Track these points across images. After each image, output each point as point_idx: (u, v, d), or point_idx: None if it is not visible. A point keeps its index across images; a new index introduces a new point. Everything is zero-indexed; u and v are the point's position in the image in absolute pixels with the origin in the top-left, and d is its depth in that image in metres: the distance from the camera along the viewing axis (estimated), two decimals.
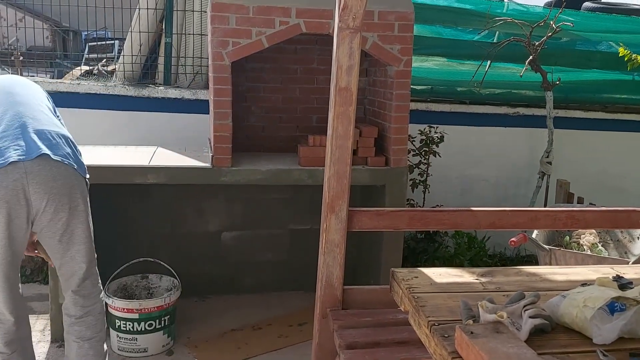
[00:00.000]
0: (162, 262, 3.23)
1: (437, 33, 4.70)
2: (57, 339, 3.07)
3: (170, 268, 3.23)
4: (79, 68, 5.27)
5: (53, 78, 5.06)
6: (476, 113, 4.64)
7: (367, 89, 3.78)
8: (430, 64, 4.71)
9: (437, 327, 1.40)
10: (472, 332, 1.23)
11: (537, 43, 4.00)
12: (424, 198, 4.34)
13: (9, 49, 5.92)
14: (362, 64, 2.37)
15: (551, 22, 3.97)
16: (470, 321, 1.37)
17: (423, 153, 4.24)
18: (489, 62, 4.15)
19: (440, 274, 1.82)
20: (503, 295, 1.61)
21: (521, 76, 4.08)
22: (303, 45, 3.72)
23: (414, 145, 4.17)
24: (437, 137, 4.24)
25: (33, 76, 4.65)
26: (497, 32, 4.61)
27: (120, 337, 3.00)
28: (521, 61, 4.10)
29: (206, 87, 4.24)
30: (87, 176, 2.45)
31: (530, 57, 3.99)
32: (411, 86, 3.26)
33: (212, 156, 3.13)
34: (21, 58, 4.75)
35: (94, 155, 3.21)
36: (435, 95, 4.64)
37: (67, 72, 5.33)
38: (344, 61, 1.99)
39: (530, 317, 1.35)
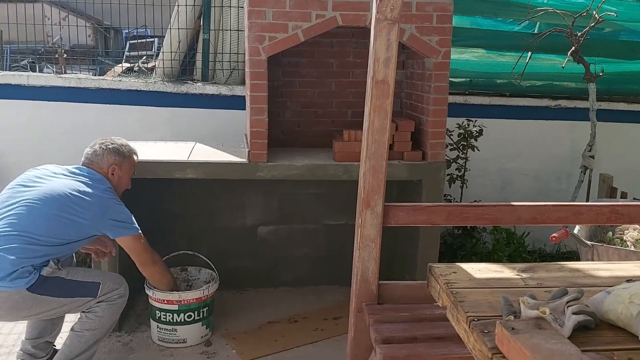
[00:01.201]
0: (200, 255, 3.29)
1: (476, 24, 4.62)
2: None
3: (208, 261, 3.28)
4: (120, 65, 5.40)
5: (95, 75, 5.20)
6: (516, 106, 4.55)
7: (404, 82, 3.74)
8: (469, 55, 4.64)
9: (477, 323, 1.38)
10: (513, 328, 1.21)
11: (579, 34, 3.88)
12: (461, 193, 4.28)
13: (53, 47, 6.10)
14: (399, 56, 2.33)
15: (594, 12, 3.84)
16: (511, 317, 1.35)
17: (461, 147, 4.18)
18: (529, 53, 4.06)
19: (480, 270, 1.80)
20: (545, 292, 1.57)
21: (563, 68, 3.97)
22: (339, 38, 3.71)
23: (451, 139, 4.11)
24: (475, 130, 4.17)
25: (76, 73, 4.79)
26: (538, 23, 4.50)
27: (160, 328, 3.07)
28: (563, 52, 3.99)
29: (243, 82, 4.28)
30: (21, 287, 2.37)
31: (573, 48, 3.87)
32: (449, 79, 3.21)
33: (249, 151, 3.16)
34: (65, 56, 4.89)
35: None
36: (474, 88, 4.56)
37: (109, 69, 5.47)
38: (381, 53, 1.97)
39: (573, 313, 1.32)
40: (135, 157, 2.87)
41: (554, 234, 3.18)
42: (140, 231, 2.68)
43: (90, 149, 2.76)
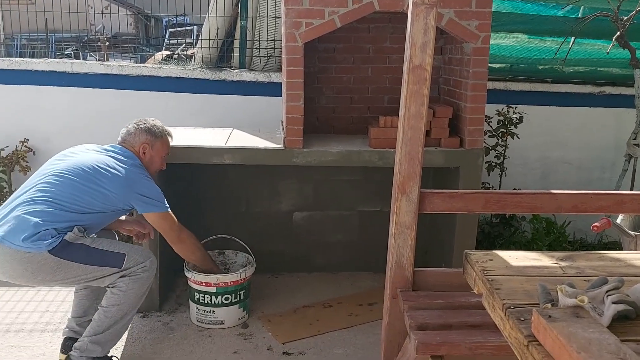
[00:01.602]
0: (237, 239, 3.34)
1: (517, 8, 4.51)
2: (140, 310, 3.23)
3: (245, 245, 3.33)
4: (160, 53, 5.50)
5: (136, 62, 5.31)
6: (559, 92, 4.43)
7: (442, 68, 3.69)
8: (509, 41, 4.53)
9: (513, 310, 1.37)
10: (550, 316, 1.19)
11: (625, 18, 3.74)
12: (500, 182, 4.21)
13: (96, 35, 6.26)
14: (437, 41, 2.30)
15: None
16: (549, 305, 1.33)
17: (500, 134, 4.10)
18: (573, 38, 3.94)
19: (517, 257, 1.77)
20: (584, 280, 1.55)
21: (608, 53, 3.84)
22: (376, 23, 3.68)
23: (490, 126, 4.04)
24: (515, 117, 4.09)
25: (118, 61, 4.90)
26: (582, 7, 4.36)
27: (198, 309, 3.14)
28: (608, 37, 3.86)
29: (279, 69, 4.30)
30: (42, 249, 2.42)
31: (618, 33, 3.74)
32: (489, 64, 3.15)
33: (285, 138, 3.18)
34: (107, 44, 5.01)
35: (174, 136, 3.34)
36: (514, 74, 4.46)
37: (150, 57, 5.58)
38: (418, 38, 1.95)
39: (613, 302, 1.29)
40: (168, 139, 2.91)
41: (595, 223, 3.09)
42: (168, 210, 2.71)
43: (125, 128, 2.85)
